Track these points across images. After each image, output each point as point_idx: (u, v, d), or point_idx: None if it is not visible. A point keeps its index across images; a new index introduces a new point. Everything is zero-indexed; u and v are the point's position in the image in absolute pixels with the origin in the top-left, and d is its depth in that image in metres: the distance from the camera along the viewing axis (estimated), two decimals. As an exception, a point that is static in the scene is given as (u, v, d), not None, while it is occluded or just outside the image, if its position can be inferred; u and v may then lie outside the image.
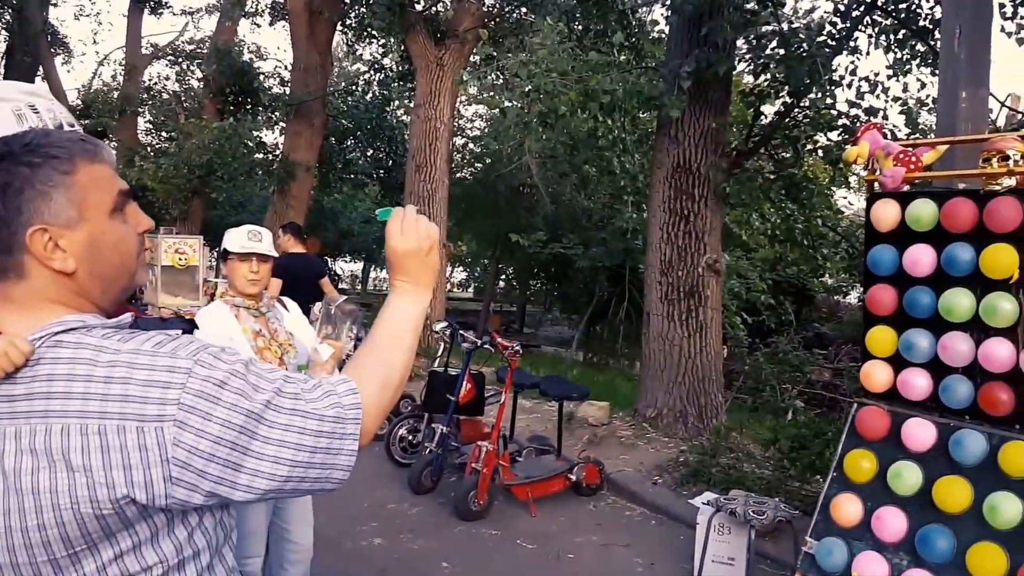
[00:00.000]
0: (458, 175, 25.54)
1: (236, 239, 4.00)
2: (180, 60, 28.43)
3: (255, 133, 22.62)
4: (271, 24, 24.96)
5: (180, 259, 13.01)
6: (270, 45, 75.84)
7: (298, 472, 1.46)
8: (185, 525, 1.49)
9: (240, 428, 1.40)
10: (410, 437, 8.69)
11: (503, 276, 32.16)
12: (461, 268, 41.90)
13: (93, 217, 1.50)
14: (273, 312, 4.12)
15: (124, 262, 1.59)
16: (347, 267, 47.15)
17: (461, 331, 8.31)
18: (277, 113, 23.89)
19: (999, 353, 4.01)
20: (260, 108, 24.07)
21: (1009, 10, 8.83)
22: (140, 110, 27.61)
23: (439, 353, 9.20)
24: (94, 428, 1.35)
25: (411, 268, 1.81)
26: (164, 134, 28.58)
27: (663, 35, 12.01)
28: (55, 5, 29.24)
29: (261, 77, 25.54)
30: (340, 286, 38.93)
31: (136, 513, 1.39)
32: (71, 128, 1.89)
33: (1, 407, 1.38)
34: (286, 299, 4.36)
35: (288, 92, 22.33)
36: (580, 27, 12.49)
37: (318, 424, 1.48)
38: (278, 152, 22.66)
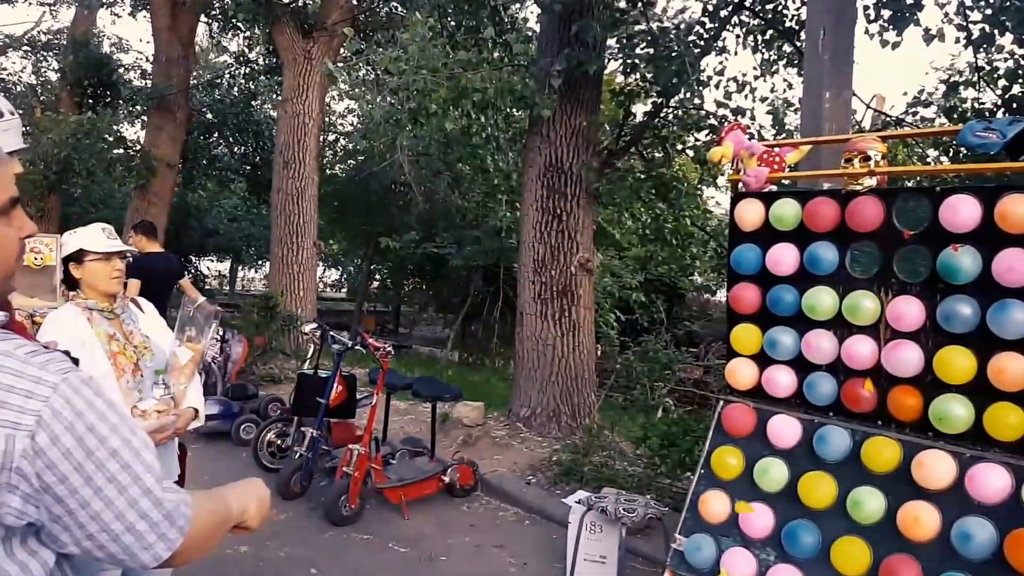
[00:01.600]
0: (329, 172, 25.26)
1: (95, 238, 3.80)
2: (36, 51, 27.43)
3: (115, 127, 21.88)
4: (132, 14, 23.95)
5: (36, 258, 12.58)
6: (131, 36, 73.71)
7: (103, 537, 1.46)
8: (23, 549, 1.45)
9: (80, 468, 1.40)
10: (279, 441, 8.52)
11: (376, 276, 31.88)
12: (334, 268, 41.33)
13: None
14: (127, 314, 3.91)
15: (4, 264, 1.57)
16: (213, 266, 46.22)
17: (332, 332, 8.19)
18: (138, 107, 23.23)
19: (861, 350, 4.09)
20: (120, 101, 23.16)
21: (872, 13, 9.05)
22: (-7, 102, 26.47)
23: (309, 355, 9.05)
24: None
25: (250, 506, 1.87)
26: (19, 128, 27.67)
27: (534, 33, 12.01)
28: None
29: (121, 69, 24.62)
30: (206, 287, 38.14)
31: None
32: (11, 115, 1.91)
33: None
34: (141, 299, 4.16)
35: (150, 85, 21.64)
36: (452, 23, 12.44)
37: (151, 506, 1.49)
38: (139, 147, 22.04)
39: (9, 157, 1.60)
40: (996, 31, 8.79)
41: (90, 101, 22.36)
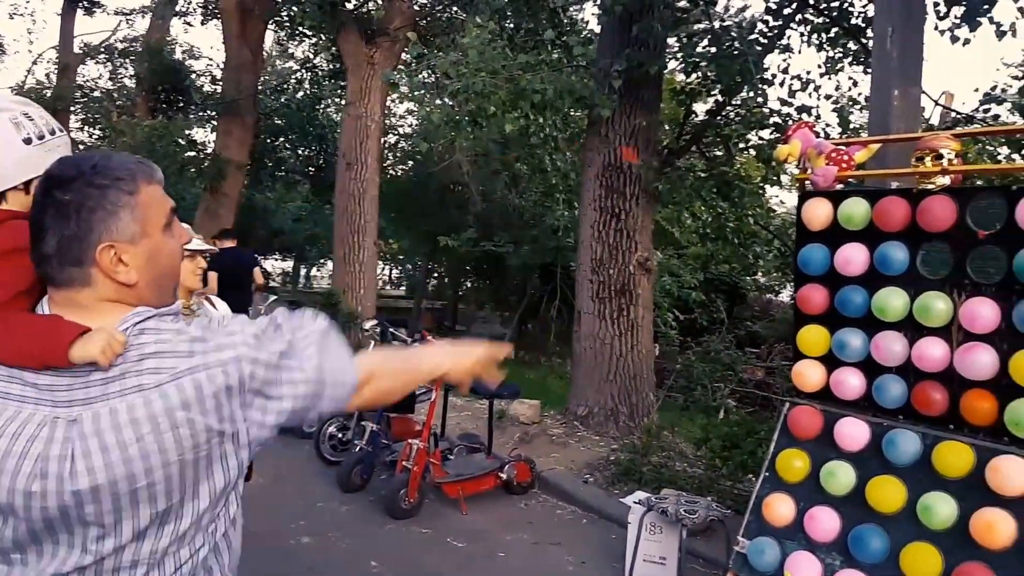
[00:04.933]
0: (390, 173, 25.46)
1: None
2: (113, 58, 28.13)
3: (187, 131, 22.53)
4: (203, 23, 24.92)
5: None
6: (203, 44, 75.49)
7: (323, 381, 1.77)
8: (237, 455, 1.74)
9: (283, 353, 1.71)
10: (340, 435, 8.61)
11: (435, 274, 32.06)
12: (394, 266, 41.59)
13: (152, 233, 1.72)
14: (203, 310, 4.06)
15: (174, 271, 1.84)
16: (278, 265, 46.71)
17: (392, 329, 8.24)
18: (209, 111, 23.83)
19: (933, 353, 4.00)
20: (192, 106, 24.00)
21: (943, 9, 8.89)
22: (73, 108, 27.11)
23: (369, 351, 9.08)
24: (187, 383, 1.59)
25: (461, 359, 2.13)
26: (97, 132, 28.28)
27: (594, 35, 11.97)
28: (-11, 5, 28.94)
29: (193, 75, 25.51)
30: (271, 284, 38.61)
31: (218, 446, 1.67)
32: (62, 133, 2.02)
33: (97, 390, 1.58)
34: (215, 298, 4.29)
35: (220, 90, 22.16)
36: (512, 25, 12.44)
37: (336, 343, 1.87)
38: (210, 150, 22.45)
39: (159, 180, 1.80)
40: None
41: (163, 106, 23.20)
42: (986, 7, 8.39)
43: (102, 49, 27.85)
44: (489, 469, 7.81)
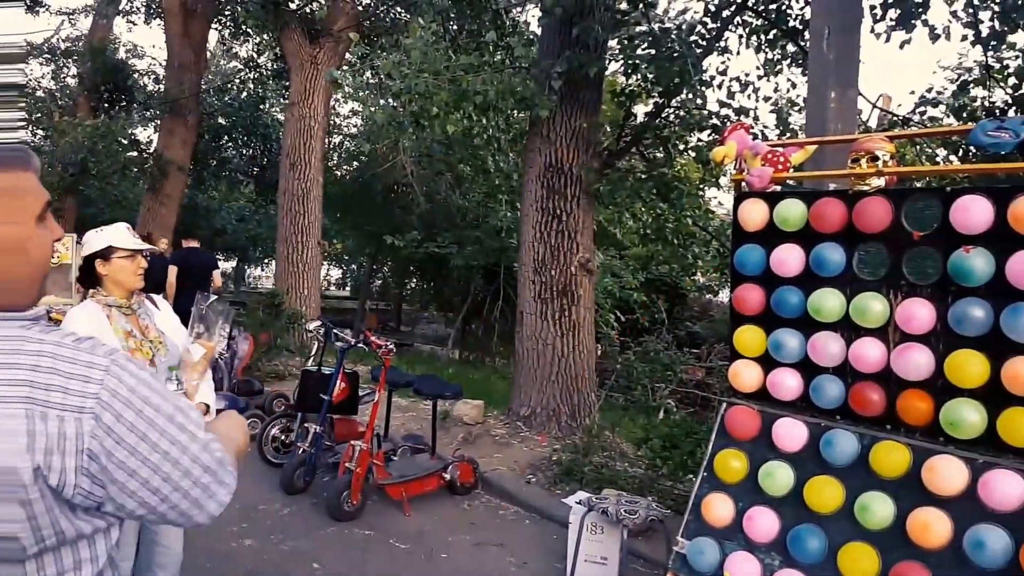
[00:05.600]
0: (335, 173, 25.44)
1: (123, 236, 3.93)
2: (56, 58, 27.82)
3: (129, 131, 22.44)
4: (147, 22, 24.66)
5: (53, 257, 12.67)
6: (146, 43, 74.66)
7: (175, 497, 1.57)
8: (88, 523, 1.51)
9: (145, 438, 1.50)
10: (283, 437, 8.58)
11: (379, 275, 32.02)
12: (337, 267, 41.47)
13: (26, 222, 1.58)
14: (143, 310, 4.02)
15: (43, 265, 1.66)
16: (222, 265, 46.45)
17: (335, 329, 8.20)
18: (151, 111, 23.79)
19: (869, 353, 4.03)
20: (135, 106, 23.88)
21: (879, 12, 8.99)
22: (14, 107, 26.71)
23: (313, 352, 9.18)
24: (21, 413, 1.39)
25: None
26: (39, 132, 27.98)
27: (535, 36, 11.99)
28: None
29: (136, 75, 25.44)
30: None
31: (50, 501, 1.42)
32: None
33: None
34: (156, 296, 4.25)
35: (162, 90, 22.11)
36: (455, 27, 12.42)
37: (210, 459, 1.61)
38: (152, 150, 22.35)
39: (36, 168, 1.64)
40: (1007, 28, 8.72)
41: (106, 106, 23.24)
42: (920, 10, 8.50)
43: (45, 49, 27.56)
44: (432, 470, 7.79)
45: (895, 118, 10.47)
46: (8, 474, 1.37)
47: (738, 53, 11.62)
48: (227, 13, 21.91)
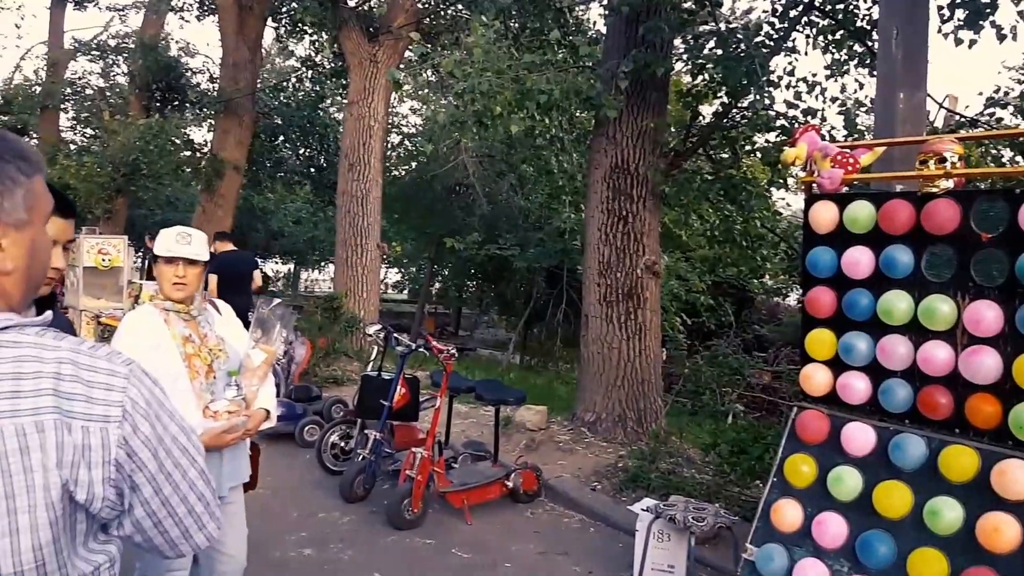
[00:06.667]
0: (393, 173, 25.32)
1: (164, 242, 3.86)
2: (105, 55, 27.82)
3: (182, 131, 22.34)
4: (199, 19, 24.45)
5: (103, 260, 12.77)
6: (199, 41, 74.80)
7: (168, 522, 1.55)
8: (97, 543, 1.48)
9: (156, 454, 1.48)
10: (342, 444, 8.53)
11: (438, 277, 31.94)
12: (395, 269, 41.38)
13: (37, 223, 1.53)
14: (204, 316, 3.97)
15: (45, 269, 1.61)
16: (278, 268, 46.62)
17: (395, 334, 8.16)
18: (205, 110, 23.49)
19: (937, 356, 3.98)
20: (188, 105, 23.68)
21: (947, 12, 8.86)
22: (63, 106, 27.03)
23: (372, 357, 9.05)
24: (50, 424, 1.35)
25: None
26: (88, 131, 28.08)
27: (600, 35, 11.95)
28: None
29: (189, 73, 25.24)
30: (270, 288, 38.56)
31: (72, 513, 1.39)
32: None
33: None
34: (218, 301, 4.21)
35: (217, 88, 21.88)
36: (517, 25, 12.42)
37: (204, 487, 1.60)
38: (206, 150, 22.37)
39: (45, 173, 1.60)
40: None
41: (158, 105, 22.95)
42: (988, 10, 8.36)
43: (94, 45, 27.55)
44: (494, 477, 7.71)
45: (962, 119, 10.31)
46: (43, 490, 1.33)
47: (805, 53, 11.50)
48: (283, 11, 21.73)
